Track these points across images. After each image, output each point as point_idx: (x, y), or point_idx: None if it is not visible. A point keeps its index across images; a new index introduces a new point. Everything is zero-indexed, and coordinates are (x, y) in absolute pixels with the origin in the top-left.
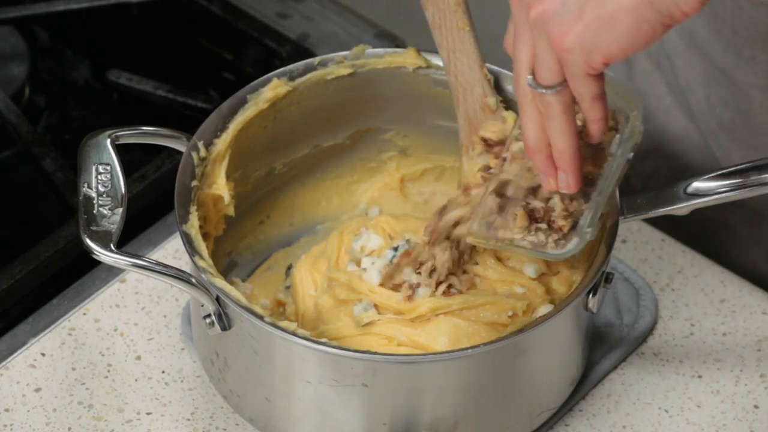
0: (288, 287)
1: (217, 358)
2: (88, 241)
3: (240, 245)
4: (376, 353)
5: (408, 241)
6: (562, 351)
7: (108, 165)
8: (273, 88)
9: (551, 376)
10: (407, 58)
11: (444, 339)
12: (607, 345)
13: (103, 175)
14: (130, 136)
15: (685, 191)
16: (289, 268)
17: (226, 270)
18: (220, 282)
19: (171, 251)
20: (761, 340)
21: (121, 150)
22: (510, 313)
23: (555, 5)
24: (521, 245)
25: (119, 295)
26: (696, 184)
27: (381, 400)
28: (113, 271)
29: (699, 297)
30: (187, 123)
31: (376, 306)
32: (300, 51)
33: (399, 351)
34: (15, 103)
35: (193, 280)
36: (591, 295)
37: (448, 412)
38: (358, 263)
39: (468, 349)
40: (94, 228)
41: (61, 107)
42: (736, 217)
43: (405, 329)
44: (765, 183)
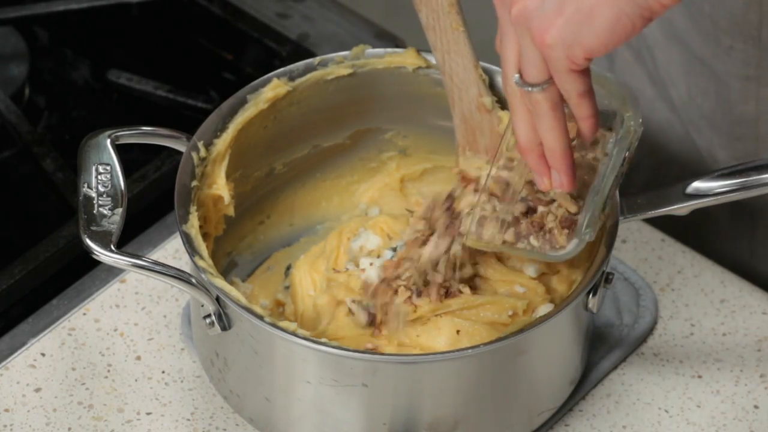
0: (287, 287)
1: (217, 358)
2: (88, 241)
3: (240, 245)
4: (376, 353)
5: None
6: (562, 351)
7: (108, 165)
8: (273, 88)
9: (551, 376)
10: (407, 58)
11: (444, 339)
12: (607, 345)
13: (103, 175)
14: (130, 136)
15: (685, 191)
16: (289, 268)
17: (226, 270)
18: (220, 282)
19: (171, 251)
20: (761, 340)
21: (121, 150)
22: (510, 313)
23: (536, 2)
24: (519, 247)
25: (119, 295)
26: (696, 184)
27: (381, 400)
28: (113, 271)
29: (699, 297)
30: (187, 123)
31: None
32: (300, 51)
33: (399, 351)
34: (15, 103)
35: (193, 280)
36: (591, 295)
37: (448, 412)
38: (357, 263)
39: (468, 349)
40: (94, 228)
41: (61, 107)
42: (717, 207)
43: (405, 329)
44: (765, 183)
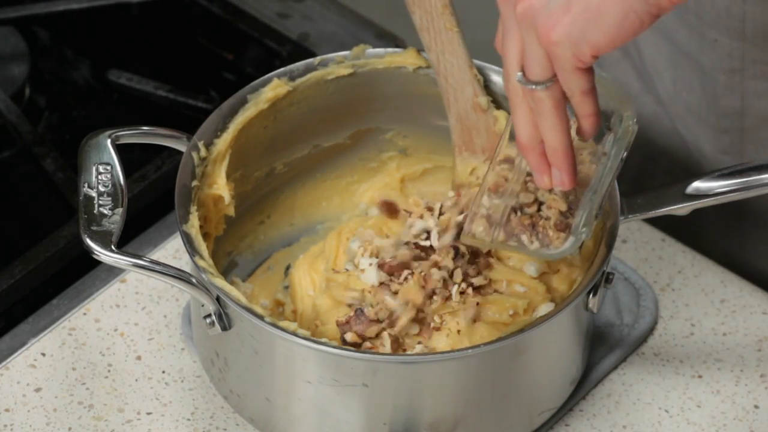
0: (287, 287)
1: (218, 358)
2: (88, 241)
3: (240, 245)
4: (376, 353)
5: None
6: (562, 351)
7: (108, 165)
8: (273, 88)
9: (551, 376)
10: (407, 58)
11: (444, 339)
12: (608, 345)
13: (104, 175)
14: (130, 136)
15: (685, 191)
16: (289, 267)
17: (226, 270)
18: (220, 282)
19: (171, 251)
20: (761, 340)
21: (122, 150)
22: (511, 312)
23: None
24: (517, 245)
25: (119, 295)
26: (696, 184)
27: (381, 400)
28: (113, 271)
29: (699, 297)
30: (188, 123)
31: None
32: (300, 51)
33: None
34: (15, 103)
35: (194, 280)
36: (591, 295)
37: (448, 412)
38: (356, 264)
39: (468, 349)
40: (94, 228)
41: (62, 107)
42: None
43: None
44: (765, 183)
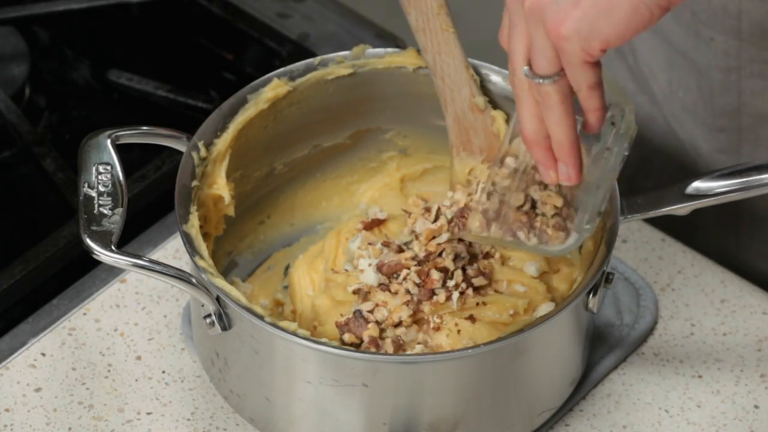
0: (286, 287)
1: (218, 358)
2: (88, 241)
3: (240, 245)
4: (376, 353)
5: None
6: (562, 351)
7: (108, 165)
8: (273, 88)
9: (551, 376)
10: (407, 58)
11: (444, 339)
12: (608, 345)
13: (104, 175)
14: (130, 136)
15: (685, 191)
16: (288, 267)
17: (226, 270)
18: (220, 282)
19: (171, 251)
20: (761, 340)
21: (121, 150)
22: (511, 312)
23: None
24: (518, 242)
25: (119, 295)
26: (696, 184)
27: (381, 400)
28: (113, 271)
29: (699, 297)
30: (188, 123)
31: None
32: (300, 51)
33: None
34: (15, 103)
35: (194, 280)
36: (591, 295)
37: (448, 412)
38: (355, 264)
39: (468, 349)
40: (94, 228)
41: (62, 107)
42: None
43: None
44: (765, 183)
